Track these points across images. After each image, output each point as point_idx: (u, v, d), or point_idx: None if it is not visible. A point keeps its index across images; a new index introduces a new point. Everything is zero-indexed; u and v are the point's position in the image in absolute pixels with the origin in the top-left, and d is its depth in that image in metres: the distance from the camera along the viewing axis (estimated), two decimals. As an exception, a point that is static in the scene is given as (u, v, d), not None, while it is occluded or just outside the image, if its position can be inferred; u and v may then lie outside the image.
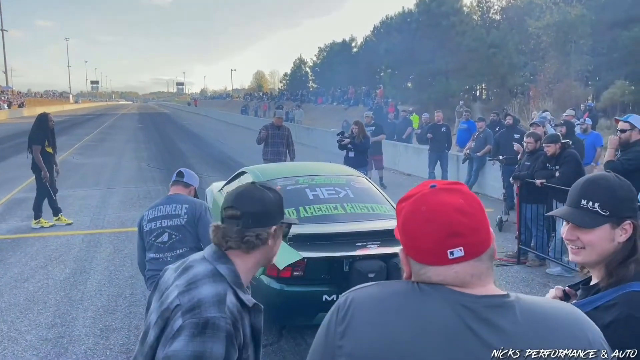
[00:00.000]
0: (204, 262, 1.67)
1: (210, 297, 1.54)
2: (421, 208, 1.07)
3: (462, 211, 1.06)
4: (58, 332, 4.73)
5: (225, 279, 1.62)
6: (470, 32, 28.17)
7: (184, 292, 1.57)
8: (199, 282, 1.59)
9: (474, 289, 1.06)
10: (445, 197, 1.07)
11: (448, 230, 1.04)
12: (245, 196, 1.70)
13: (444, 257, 1.05)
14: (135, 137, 27.05)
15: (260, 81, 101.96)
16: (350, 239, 4.29)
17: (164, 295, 1.64)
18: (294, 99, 46.38)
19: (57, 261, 6.70)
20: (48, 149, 8.26)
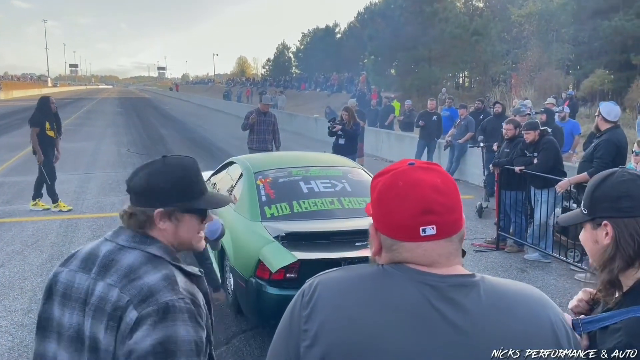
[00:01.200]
0: (126, 251, 1.49)
1: (160, 281, 1.41)
2: (398, 183, 1.07)
3: (438, 190, 1.05)
4: (34, 318, 4.65)
5: (164, 258, 1.49)
6: (453, 19, 28.17)
7: (126, 285, 1.41)
8: (138, 270, 1.44)
9: (440, 268, 1.06)
10: (422, 175, 1.07)
11: (423, 206, 1.04)
12: (137, 173, 1.56)
13: (416, 234, 1.04)
14: (115, 122, 26.68)
15: (243, 67, 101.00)
16: (349, 238, 4.00)
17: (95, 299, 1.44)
18: (277, 85, 46.11)
19: (34, 247, 6.60)
20: (50, 132, 8.11)
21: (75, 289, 1.48)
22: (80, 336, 1.46)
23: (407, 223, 1.05)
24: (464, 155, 11.33)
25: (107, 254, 1.50)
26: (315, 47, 55.47)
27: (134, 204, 1.54)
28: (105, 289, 1.43)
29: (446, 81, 31.16)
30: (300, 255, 3.76)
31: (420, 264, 1.06)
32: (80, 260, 1.53)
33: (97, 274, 1.47)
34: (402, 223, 1.05)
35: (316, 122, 20.97)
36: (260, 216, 4.36)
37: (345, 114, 9.41)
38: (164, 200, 1.52)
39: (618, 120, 5.79)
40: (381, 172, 1.14)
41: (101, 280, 1.45)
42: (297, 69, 62.16)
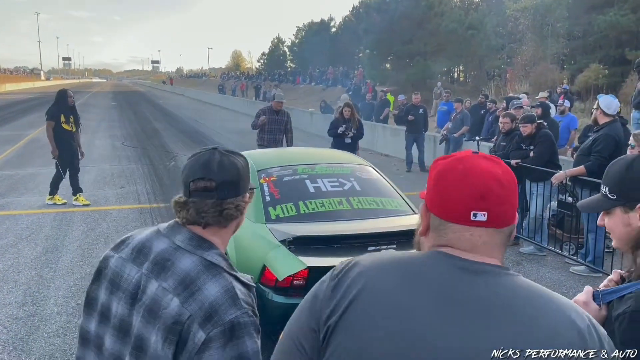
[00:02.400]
0: (184, 254, 1.46)
1: (221, 296, 1.39)
2: (458, 166, 1.07)
3: (498, 180, 1.06)
4: (29, 310, 4.64)
5: (221, 267, 1.46)
6: (449, 14, 28.13)
7: (187, 298, 1.38)
8: (197, 281, 1.41)
9: (479, 256, 1.06)
10: (485, 164, 1.08)
11: (479, 191, 1.04)
12: (215, 164, 1.50)
13: (466, 217, 1.05)
14: (109, 116, 26.51)
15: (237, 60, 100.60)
16: (360, 242, 3.75)
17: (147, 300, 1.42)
18: (272, 79, 45.96)
19: (28, 240, 6.55)
20: (66, 126, 7.96)
21: (125, 280, 1.47)
22: (125, 328, 1.46)
23: (460, 205, 1.05)
24: (459, 149, 11.32)
25: (162, 252, 1.47)
26: (310, 41, 55.24)
27: (222, 198, 1.48)
28: (160, 292, 1.41)
29: (441, 75, 31.15)
30: (309, 262, 3.51)
31: (462, 248, 1.06)
32: (131, 250, 1.51)
33: (150, 271, 1.45)
34: (455, 204, 1.06)
35: (311, 116, 20.93)
36: (265, 218, 4.08)
37: (347, 110, 9.03)
38: (246, 186, 1.56)
39: (617, 113, 5.79)
40: (443, 157, 1.15)
41: (154, 280, 1.43)
42: (292, 63, 61.97)
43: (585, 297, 1.61)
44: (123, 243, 1.56)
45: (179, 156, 13.33)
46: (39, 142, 15.42)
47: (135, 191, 9.38)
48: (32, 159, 12.64)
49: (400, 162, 12.72)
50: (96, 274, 1.56)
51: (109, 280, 1.51)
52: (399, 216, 4.22)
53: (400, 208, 4.38)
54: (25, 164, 11.95)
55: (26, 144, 15.17)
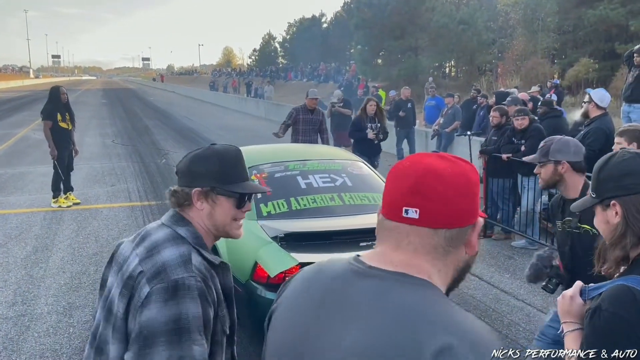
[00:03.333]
0: (162, 228, 1.63)
1: (174, 258, 1.51)
2: (405, 163, 1.02)
3: (439, 175, 0.96)
4: (19, 310, 4.60)
5: (187, 240, 1.59)
6: (440, 9, 28.09)
7: (145, 258, 1.53)
8: (160, 246, 1.55)
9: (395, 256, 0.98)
10: (432, 160, 1.00)
11: (413, 186, 0.96)
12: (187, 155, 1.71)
13: (398, 213, 0.97)
14: (100, 113, 26.35)
15: (228, 57, 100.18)
16: (352, 237, 3.76)
17: (125, 267, 1.57)
18: (264, 75, 45.81)
19: (18, 239, 6.49)
20: (62, 124, 7.81)
21: (121, 256, 1.64)
22: (108, 297, 1.60)
23: (393, 200, 0.99)
24: (451, 144, 11.35)
25: (149, 230, 1.65)
26: (301, 37, 55.08)
27: (178, 184, 1.68)
28: (133, 258, 1.56)
29: (433, 70, 31.17)
30: (301, 258, 3.51)
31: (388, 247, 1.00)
32: (139, 236, 1.67)
33: (135, 245, 1.62)
34: (390, 199, 1.00)
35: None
36: (256, 214, 4.08)
37: (372, 104, 7.85)
38: (202, 181, 1.64)
39: (607, 107, 5.80)
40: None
41: (135, 250, 1.59)
42: (284, 59, 61.79)
43: (573, 292, 1.65)
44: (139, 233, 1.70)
45: (170, 153, 13.25)
46: (28, 140, 15.28)
47: (126, 189, 9.31)
48: (21, 158, 12.53)
49: (392, 157, 12.73)
50: (110, 258, 1.73)
51: (115, 261, 1.67)
52: None
53: None
54: (14, 163, 11.84)
55: (15, 143, 15.02)
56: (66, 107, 7.98)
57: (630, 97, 7.57)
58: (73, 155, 8.17)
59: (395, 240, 0.99)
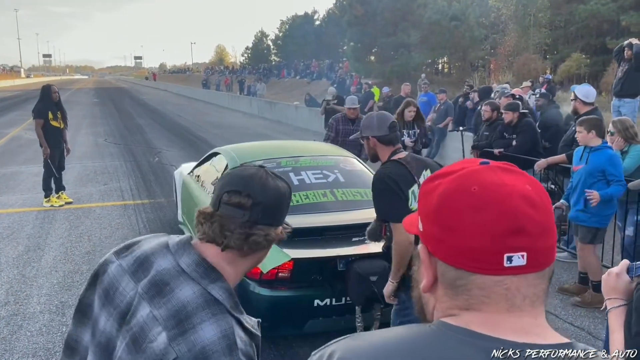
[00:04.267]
0: (186, 281, 1.25)
1: (217, 342, 1.18)
2: (472, 188, 0.75)
3: (531, 201, 0.74)
4: (11, 309, 4.58)
5: (224, 306, 1.23)
6: (432, 5, 28.10)
7: (177, 336, 1.18)
8: (193, 318, 1.20)
9: (518, 321, 0.75)
10: (506, 178, 0.76)
11: (512, 224, 0.72)
12: (258, 182, 1.30)
13: (497, 263, 0.73)
14: (92, 112, 26.22)
15: (221, 55, 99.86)
16: (345, 233, 3.76)
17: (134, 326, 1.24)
18: (256, 72, 45.71)
19: (9, 239, 6.46)
20: (54, 122, 7.76)
21: (119, 294, 1.29)
22: (110, 349, 1.28)
23: (486, 246, 0.73)
24: (443, 140, 11.38)
25: (162, 272, 1.26)
26: (294, 35, 55.00)
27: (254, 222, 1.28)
28: (149, 321, 1.22)
29: (426, 67, 31.20)
30: (294, 254, 3.50)
31: (495, 312, 0.75)
32: (134, 260, 1.31)
33: (146, 292, 1.25)
34: (477, 246, 0.73)
35: (296, 109, 20.86)
36: None
37: (412, 110, 6.59)
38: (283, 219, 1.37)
39: (594, 101, 5.85)
40: (439, 174, 0.82)
41: (147, 303, 1.24)
42: (277, 56, 61.67)
43: (620, 269, 1.67)
44: (128, 249, 1.36)
45: (163, 152, 13.21)
46: (19, 140, 15.18)
47: (118, 188, 9.28)
48: (12, 158, 12.45)
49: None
50: (92, 278, 1.37)
51: (103, 290, 1.32)
52: None
53: None
54: (6, 163, 11.77)
55: (7, 143, 14.92)
56: (58, 106, 7.93)
57: (620, 91, 7.63)
58: (65, 154, 8.13)
59: (504, 302, 0.75)
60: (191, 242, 1.31)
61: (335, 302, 3.66)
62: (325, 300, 3.61)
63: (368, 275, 3.46)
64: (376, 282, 3.46)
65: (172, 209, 7.17)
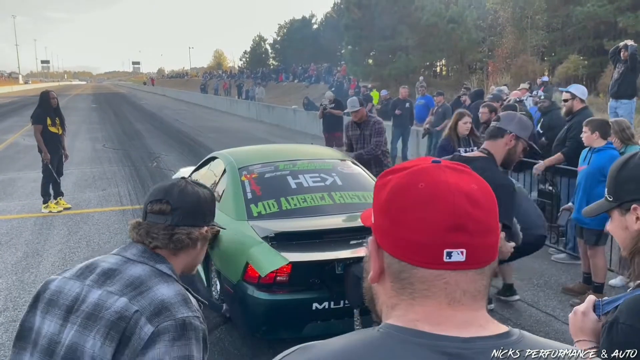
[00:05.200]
0: (134, 264, 1.42)
1: (174, 296, 1.35)
2: (419, 185, 0.78)
3: (474, 200, 0.77)
4: (10, 316, 4.57)
5: (173, 277, 1.42)
6: (429, 8, 28.17)
7: (136, 296, 1.33)
8: (148, 282, 1.36)
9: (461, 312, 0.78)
10: (453, 177, 0.79)
11: (452, 220, 0.75)
12: (176, 190, 1.50)
13: (437, 257, 0.76)
14: (90, 118, 26.23)
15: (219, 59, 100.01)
16: (343, 236, 3.77)
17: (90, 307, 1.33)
18: (254, 77, 45.77)
19: (8, 245, 6.45)
20: (52, 128, 7.79)
21: (63, 295, 1.39)
22: (52, 348, 1.34)
23: (427, 241, 0.76)
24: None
25: (110, 265, 1.42)
26: (292, 38, 55.12)
27: (175, 223, 1.48)
28: (104, 296, 1.34)
29: (424, 70, 31.27)
30: (292, 257, 3.50)
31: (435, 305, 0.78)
32: (77, 269, 1.45)
33: (95, 282, 1.38)
34: (419, 240, 0.76)
35: (295, 113, 20.88)
36: (247, 215, 4.10)
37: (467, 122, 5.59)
38: (209, 219, 1.56)
39: None
40: (392, 170, 0.84)
41: (98, 288, 1.36)
42: (275, 60, 61.76)
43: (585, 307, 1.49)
44: (68, 269, 1.49)
45: (162, 157, 13.22)
46: (17, 146, 15.18)
47: (117, 193, 9.28)
48: (10, 164, 12.45)
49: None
50: (33, 300, 1.44)
51: (46, 302, 1.41)
52: None
53: None
54: (4, 169, 11.76)
55: (5, 149, 14.92)
56: (56, 112, 7.95)
57: (617, 93, 7.65)
58: (63, 160, 8.13)
59: (444, 296, 0.77)
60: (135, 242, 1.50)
61: (333, 306, 3.66)
62: (323, 304, 3.61)
63: None
64: None
65: (171, 213, 7.16)
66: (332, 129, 11.66)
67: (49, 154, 7.76)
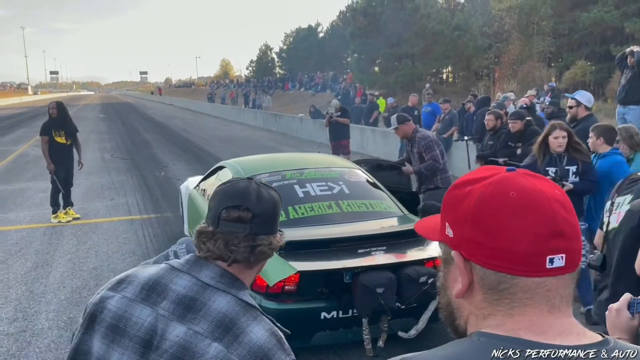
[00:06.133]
0: (216, 293, 1.25)
1: (269, 339, 1.22)
2: (509, 193, 0.77)
3: (565, 205, 0.78)
4: (20, 326, 4.60)
5: (257, 309, 1.27)
6: (435, 15, 28.25)
7: (232, 342, 1.18)
8: (239, 322, 1.21)
9: (559, 320, 0.77)
10: (539, 184, 0.78)
11: (553, 227, 0.75)
12: (253, 194, 1.31)
13: (540, 265, 0.75)
14: (98, 128, 26.42)
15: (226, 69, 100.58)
16: (351, 245, 3.76)
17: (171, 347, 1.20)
18: (261, 85, 45.97)
19: (18, 255, 6.50)
20: (59, 139, 7.90)
21: (133, 324, 1.23)
22: None
23: (530, 249, 0.75)
24: (449, 149, 11.36)
25: (185, 291, 1.24)
26: (298, 47, 55.34)
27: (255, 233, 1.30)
28: (191, 337, 1.19)
29: (430, 77, 31.28)
30: (300, 267, 3.49)
31: (536, 314, 0.77)
32: (139, 288, 1.27)
33: (172, 313, 1.22)
34: (521, 249, 0.75)
35: (301, 121, 20.93)
36: None
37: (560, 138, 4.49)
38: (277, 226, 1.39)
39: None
40: (467, 180, 0.83)
41: (179, 323, 1.20)
42: (281, 69, 62.00)
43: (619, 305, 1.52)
44: (123, 282, 1.31)
45: (169, 166, 13.28)
46: (27, 156, 15.31)
47: (125, 203, 9.33)
48: (20, 174, 12.55)
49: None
50: (88, 321, 1.28)
51: (109, 327, 1.25)
52: (389, 218, 4.29)
53: (390, 210, 4.43)
54: (13, 180, 11.86)
55: (14, 159, 15.06)
56: (60, 123, 8.01)
57: (625, 99, 7.61)
58: (73, 170, 8.21)
59: (548, 303, 0.77)
60: (203, 258, 1.31)
61: (342, 315, 3.65)
62: (332, 313, 3.61)
63: (374, 287, 3.44)
64: (382, 294, 3.45)
65: (179, 223, 7.19)
66: (339, 137, 11.67)
67: (57, 164, 7.85)
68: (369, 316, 3.58)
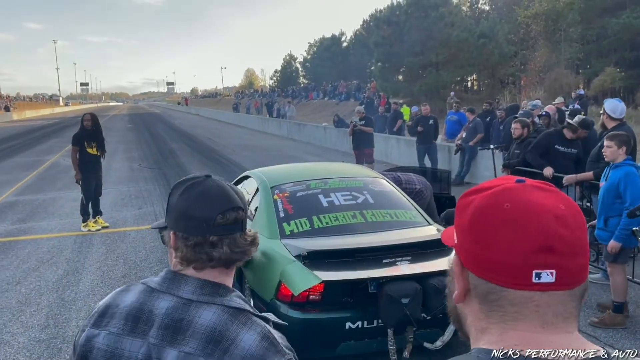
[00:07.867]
0: (200, 307, 1.19)
1: (260, 344, 1.16)
2: (504, 205, 0.77)
3: (563, 220, 0.76)
4: (51, 333, 4.70)
5: (248, 311, 1.21)
6: (459, 23, 28.13)
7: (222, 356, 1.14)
8: (228, 334, 1.16)
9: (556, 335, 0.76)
10: (539, 197, 0.78)
11: (540, 241, 0.74)
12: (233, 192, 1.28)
13: (526, 278, 0.75)
14: (126, 138, 26.92)
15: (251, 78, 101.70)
16: (375, 255, 3.74)
17: None
18: (285, 95, 46.31)
19: (49, 263, 6.65)
20: (90, 150, 8.14)
21: (126, 359, 1.18)
22: None
23: (515, 261, 0.75)
24: (474, 158, 11.27)
25: (169, 313, 1.19)
26: (322, 57, 55.70)
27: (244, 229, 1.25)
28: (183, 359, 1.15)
29: (455, 85, 31.08)
30: (324, 276, 3.50)
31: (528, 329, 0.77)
32: (122, 320, 1.22)
33: (162, 339, 1.17)
34: (507, 260, 0.75)
35: (325, 130, 20.99)
36: (279, 233, 4.14)
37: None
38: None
39: (624, 117, 5.72)
40: (476, 189, 0.84)
41: (171, 348, 1.16)
42: (305, 78, 62.40)
43: None
44: (105, 315, 1.25)
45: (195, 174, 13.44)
46: (58, 166, 15.69)
47: (152, 212, 9.48)
48: (52, 184, 12.86)
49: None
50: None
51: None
52: (413, 227, 4.26)
53: (414, 219, 4.41)
54: (45, 189, 12.16)
55: (46, 169, 15.45)
56: (92, 134, 8.21)
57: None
58: (101, 181, 8.40)
59: (539, 318, 0.76)
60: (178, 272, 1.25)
61: (367, 325, 3.64)
62: (357, 323, 3.59)
63: (400, 297, 3.43)
64: (408, 304, 3.43)
65: (205, 232, 7.26)
66: (362, 146, 11.69)
67: (87, 174, 8.06)
68: (395, 327, 3.57)
